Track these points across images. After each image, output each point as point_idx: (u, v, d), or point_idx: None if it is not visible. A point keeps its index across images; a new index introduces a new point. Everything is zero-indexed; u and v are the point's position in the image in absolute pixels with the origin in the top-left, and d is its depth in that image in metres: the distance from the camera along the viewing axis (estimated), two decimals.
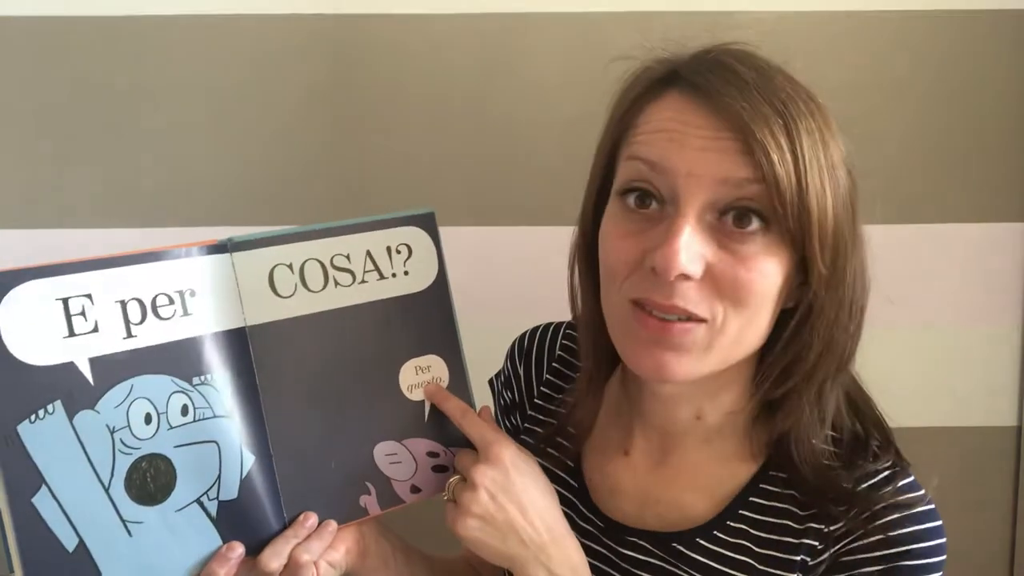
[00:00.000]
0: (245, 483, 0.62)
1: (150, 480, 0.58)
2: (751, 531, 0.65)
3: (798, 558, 0.62)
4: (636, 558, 0.68)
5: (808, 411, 0.63)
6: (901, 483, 0.63)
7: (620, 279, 0.60)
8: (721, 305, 0.57)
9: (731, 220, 0.57)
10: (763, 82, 0.57)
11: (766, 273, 0.57)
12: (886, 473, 0.63)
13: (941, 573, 0.62)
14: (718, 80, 0.57)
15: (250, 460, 0.62)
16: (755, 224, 0.56)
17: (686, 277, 0.56)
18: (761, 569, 0.64)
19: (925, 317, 1.12)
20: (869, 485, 0.63)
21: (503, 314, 1.05)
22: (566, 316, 0.73)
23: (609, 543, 0.69)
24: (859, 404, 0.67)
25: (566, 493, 0.72)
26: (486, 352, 0.78)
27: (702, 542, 0.66)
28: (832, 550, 0.62)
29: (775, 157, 0.54)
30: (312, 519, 0.64)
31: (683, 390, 0.66)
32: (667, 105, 0.59)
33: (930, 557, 0.61)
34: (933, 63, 1.09)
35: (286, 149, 1.13)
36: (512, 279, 1.14)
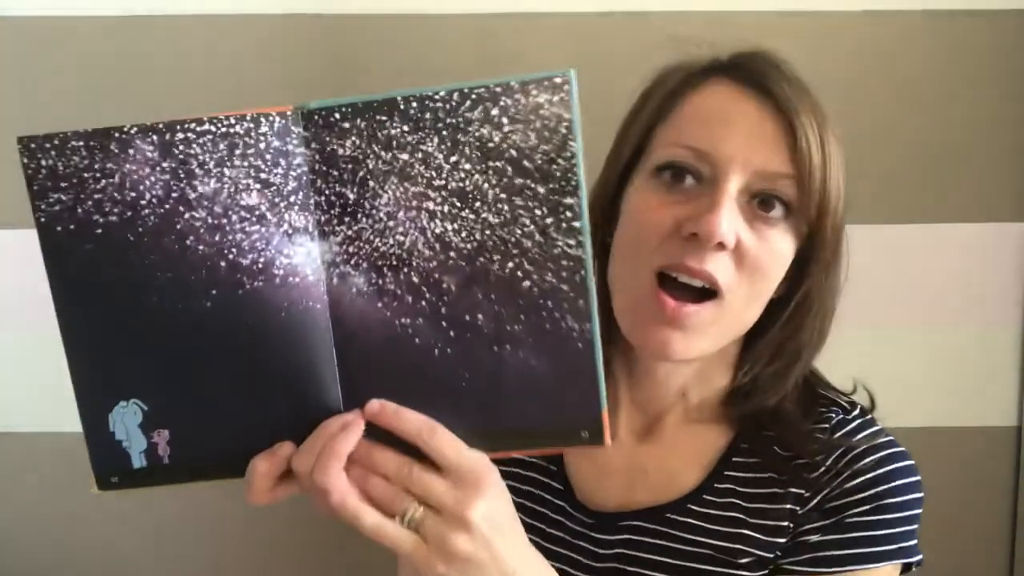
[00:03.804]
0: None
1: None
2: (739, 489, 0.67)
3: (787, 506, 0.65)
4: (631, 540, 0.69)
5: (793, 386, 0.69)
6: (872, 429, 0.67)
7: (650, 248, 0.63)
8: (739, 278, 0.62)
9: (757, 203, 0.62)
10: (799, 79, 0.63)
11: (780, 254, 0.63)
12: (858, 422, 0.67)
13: (921, 510, 0.65)
14: (766, 68, 0.63)
15: None
16: (778, 210, 0.62)
17: (722, 246, 0.60)
18: (753, 522, 0.66)
19: (925, 317, 1.12)
20: (844, 432, 0.66)
21: None
22: None
23: (601, 537, 0.70)
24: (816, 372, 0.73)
25: (550, 497, 0.73)
26: None
27: (693, 507, 0.68)
28: (819, 496, 0.65)
29: (811, 150, 0.60)
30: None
31: (677, 368, 0.69)
32: (712, 92, 0.64)
33: (912, 493, 0.65)
34: (933, 63, 1.09)
35: None
36: None
